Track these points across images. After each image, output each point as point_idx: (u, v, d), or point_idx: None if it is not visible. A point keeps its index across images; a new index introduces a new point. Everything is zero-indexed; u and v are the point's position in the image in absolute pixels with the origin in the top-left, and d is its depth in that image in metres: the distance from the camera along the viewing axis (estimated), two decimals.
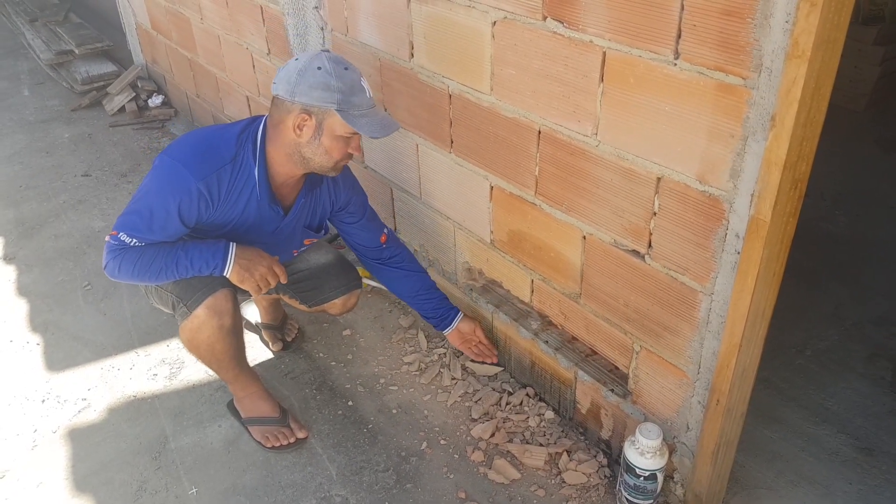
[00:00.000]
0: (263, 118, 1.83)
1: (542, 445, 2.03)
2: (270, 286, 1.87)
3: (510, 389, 2.23)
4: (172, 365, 2.40)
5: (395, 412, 2.18)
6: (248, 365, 2.09)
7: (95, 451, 2.08)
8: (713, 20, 1.27)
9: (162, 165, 1.74)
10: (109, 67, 4.82)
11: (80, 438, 2.13)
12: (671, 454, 1.77)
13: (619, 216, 1.66)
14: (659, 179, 1.52)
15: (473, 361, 2.33)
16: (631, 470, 1.72)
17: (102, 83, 4.67)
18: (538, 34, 1.66)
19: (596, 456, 1.98)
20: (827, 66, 1.19)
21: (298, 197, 1.94)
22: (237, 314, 1.93)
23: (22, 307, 2.72)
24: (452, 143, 2.12)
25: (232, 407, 2.16)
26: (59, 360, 2.45)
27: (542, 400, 2.18)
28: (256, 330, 2.51)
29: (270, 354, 2.45)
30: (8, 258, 3.04)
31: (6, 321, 2.65)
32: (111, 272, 1.78)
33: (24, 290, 2.83)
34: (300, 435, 2.07)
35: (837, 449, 2.02)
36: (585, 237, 1.79)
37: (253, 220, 1.87)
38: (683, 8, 1.32)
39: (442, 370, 2.32)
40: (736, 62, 1.26)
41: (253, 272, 1.82)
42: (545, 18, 1.62)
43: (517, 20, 1.70)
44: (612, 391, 1.89)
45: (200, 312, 1.84)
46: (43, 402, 2.27)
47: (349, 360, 2.41)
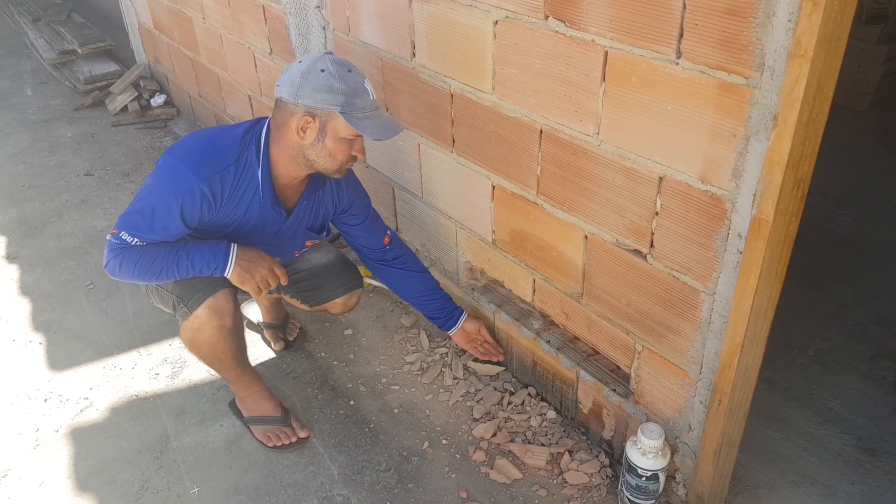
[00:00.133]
0: (267, 120, 1.83)
1: (543, 445, 2.03)
2: (271, 287, 1.87)
3: (512, 389, 2.22)
4: (174, 364, 2.40)
5: (396, 412, 2.18)
6: (249, 364, 2.09)
7: (97, 450, 2.09)
8: (715, 19, 1.27)
9: (165, 166, 1.74)
10: (112, 67, 4.83)
11: (82, 437, 2.13)
12: (673, 454, 1.76)
13: (621, 216, 1.66)
14: (661, 179, 1.51)
15: (476, 361, 2.33)
16: (633, 470, 1.72)
17: (105, 83, 4.68)
18: (540, 33, 1.65)
19: (598, 456, 1.98)
20: (830, 65, 1.19)
21: (301, 199, 1.94)
22: (238, 314, 1.93)
23: (24, 306, 2.73)
24: (454, 142, 2.12)
25: (234, 406, 2.16)
26: (61, 359, 2.45)
27: (543, 400, 2.18)
28: (258, 329, 2.51)
29: (272, 354, 2.45)
30: (11, 257, 3.04)
31: (9, 320, 2.66)
32: (112, 271, 1.78)
33: (26, 289, 2.84)
34: (302, 434, 2.07)
35: (840, 449, 2.01)
36: (587, 237, 1.79)
37: (255, 221, 1.87)
38: (685, 7, 1.31)
39: (444, 370, 2.32)
40: (738, 61, 1.26)
41: (253, 273, 1.82)
42: (547, 18, 1.62)
43: (519, 19, 1.70)
44: (613, 391, 1.88)
45: (201, 312, 1.84)
46: (45, 401, 2.27)
47: (351, 359, 2.41)
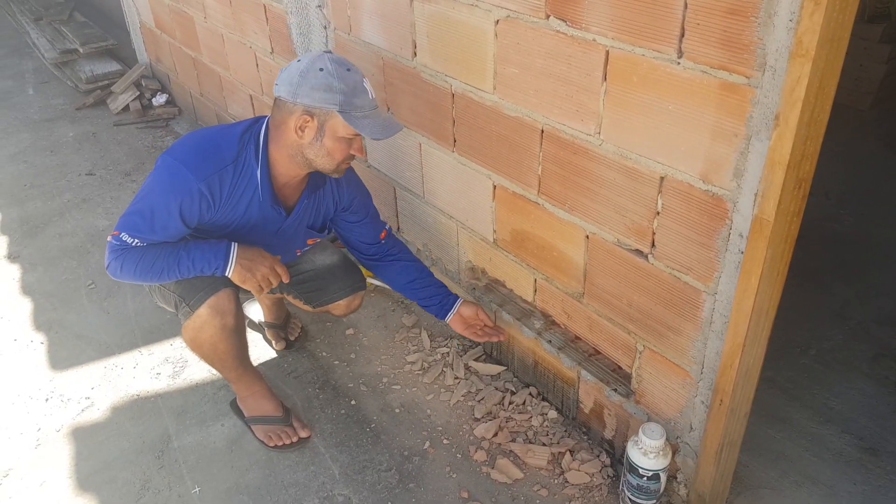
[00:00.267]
0: (266, 119, 1.83)
1: (545, 445, 2.03)
2: (272, 286, 1.87)
3: (513, 389, 2.22)
4: (176, 364, 2.40)
5: (397, 411, 2.18)
6: (251, 364, 2.09)
7: (99, 449, 2.09)
8: (717, 19, 1.27)
9: (164, 166, 1.74)
10: (114, 66, 4.83)
11: (83, 437, 2.13)
12: (674, 454, 1.76)
13: (622, 215, 1.66)
14: (662, 179, 1.51)
15: (478, 360, 2.33)
16: (634, 470, 1.72)
17: (107, 82, 4.69)
18: (541, 33, 1.65)
19: (599, 456, 1.98)
20: (831, 64, 1.19)
21: (301, 198, 1.94)
22: (239, 314, 1.93)
23: (26, 306, 2.73)
24: (455, 142, 2.12)
25: (235, 406, 2.16)
26: (62, 358, 2.45)
27: (545, 399, 2.18)
28: (260, 329, 2.51)
29: (273, 353, 2.45)
30: (12, 257, 3.04)
31: (10, 320, 2.66)
32: (113, 272, 1.78)
33: (28, 288, 2.84)
34: (303, 434, 2.07)
35: (842, 449, 2.01)
36: (588, 237, 1.79)
37: (255, 220, 1.87)
38: (687, 6, 1.31)
39: (445, 369, 2.32)
40: (740, 61, 1.26)
41: (254, 272, 1.82)
42: (548, 17, 1.61)
43: (520, 19, 1.69)
44: (615, 391, 1.88)
45: (203, 312, 1.84)
46: (46, 400, 2.27)
47: (352, 359, 2.41)
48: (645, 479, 1.71)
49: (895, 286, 2.69)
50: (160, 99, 4.52)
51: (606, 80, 1.54)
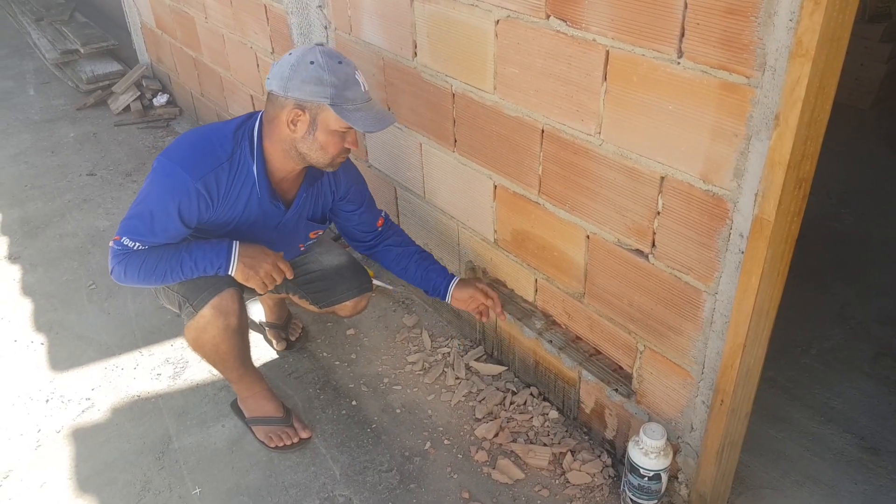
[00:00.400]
0: (260, 114, 1.82)
1: (545, 445, 2.02)
2: (276, 282, 1.86)
3: (514, 389, 2.22)
4: (176, 364, 2.40)
5: (398, 412, 2.18)
6: (252, 365, 2.09)
7: (99, 451, 2.09)
8: (717, 19, 1.27)
9: (160, 167, 1.74)
10: (114, 66, 4.83)
11: (83, 438, 2.13)
12: (675, 454, 1.76)
13: (622, 215, 1.65)
14: (662, 179, 1.51)
15: (479, 361, 2.33)
16: (635, 470, 1.72)
17: (108, 82, 4.69)
18: (541, 33, 1.65)
19: (600, 456, 1.98)
20: (831, 64, 1.19)
21: (300, 191, 1.93)
22: (243, 314, 1.93)
23: (26, 306, 2.73)
24: (456, 142, 2.12)
25: (236, 407, 2.16)
26: (62, 359, 2.45)
27: (546, 400, 2.18)
28: (260, 329, 2.51)
29: (274, 354, 2.45)
30: (13, 257, 3.05)
31: (11, 321, 2.66)
32: (117, 277, 1.78)
33: (28, 289, 2.84)
34: (304, 435, 2.07)
35: (843, 449, 2.01)
36: (589, 237, 1.78)
37: (255, 217, 1.86)
38: (687, 6, 1.31)
39: (446, 370, 2.32)
40: (739, 61, 1.26)
41: (257, 270, 1.82)
42: (548, 17, 1.61)
43: (520, 19, 1.69)
44: (616, 391, 1.88)
45: (206, 312, 1.84)
46: (47, 401, 2.27)
47: (353, 359, 2.41)
48: (646, 479, 1.71)
49: (895, 285, 2.69)
50: (161, 99, 4.52)
51: (606, 80, 1.53)
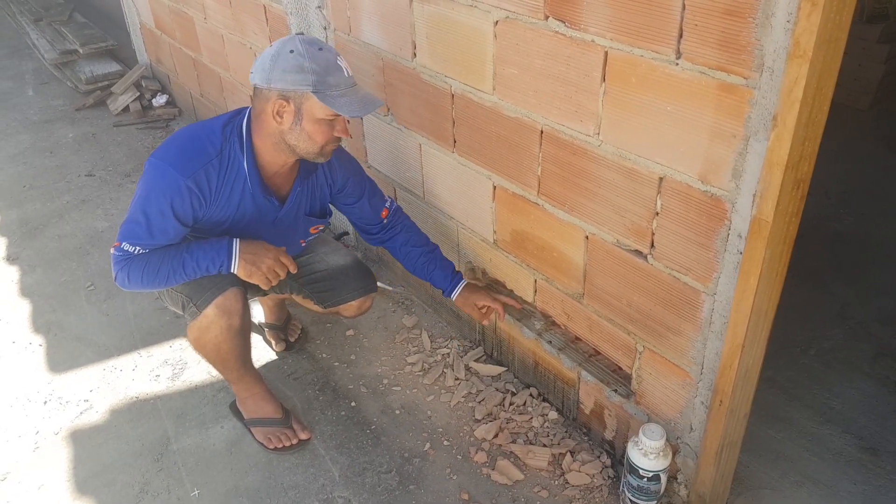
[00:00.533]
0: (248, 110, 1.81)
1: (545, 446, 2.02)
2: (280, 277, 1.85)
3: (513, 390, 2.22)
4: (175, 366, 2.40)
5: (398, 413, 2.18)
6: (252, 366, 2.08)
7: (97, 452, 2.09)
8: (715, 20, 1.27)
9: (150, 168, 1.74)
10: (114, 67, 4.83)
11: (81, 440, 2.13)
12: (674, 455, 1.76)
13: (621, 216, 1.65)
14: (661, 179, 1.51)
15: (478, 361, 2.33)
16: (634, 471, 1.72)
17: (107, 83, 4.69)
18: (540, 34, 1.65)
19: (599, 457, 1.98)
20: (829, 65, 1.19)
21: (294, 185, 1.92)
22: (246, 314, 1.92)
23: (25, 308, 2.73)
24: (455, 142, 2.12)
25: (234, 408, 2.16)
26: (61, 361, 2.45)
27: (545, 400, 2.18)
28: (259, 330, 2.51)
29: (273, 355, 2.45)
30: (11, 258, 3.04)
31: (9, 322, 2.66)
32: (122, 283, 1.78)
33: (27, 290, 2.84)
34: (303, 436, 2.07)
35: (842, 449, 2.01)
36: (588, 237, 1.78)
37: (251, 213, 1.86)
38: (685, 7, 1.31)
39: (445, 371, 2.32)
40: (737, 62, 1.26)
41: (259, 265, 1.81)
42: (547, 18, 1.61)
43: (519, 20, 1.69)
44: (615, 392, 1.88)
45: (210, 312, 1.84)
46: (45, 403, 2.27)
47: (352, 360, 2.41)
48: (645, 479, 1.71)
49: (895, 285, 2.68)
50: (160, 100, 4.52)
51: (605, 80, 1.53)
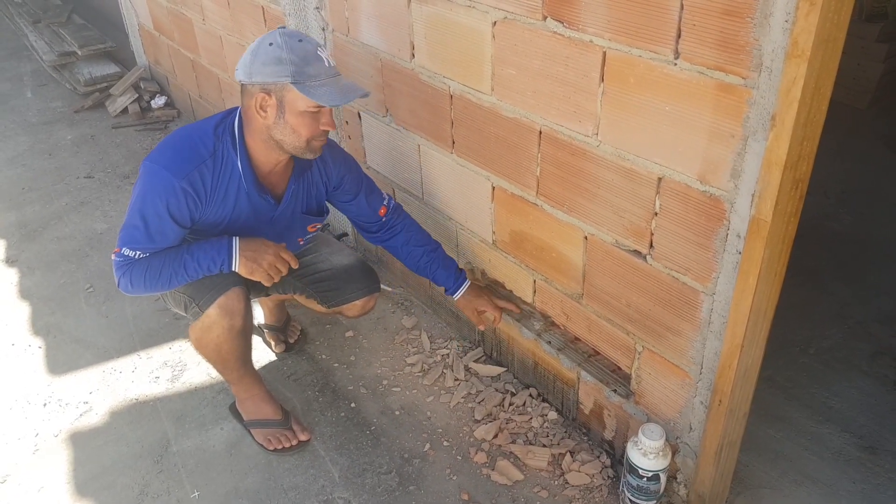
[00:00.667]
0: (238, 109, 1.81)
1: (545, 446, 2.02)
2: (282, 273, 1.85)
3: (513, 390, 2.22)
4: (174, 367, 2.40)
5: (397, 414, 2.18)
6: (252, 367, 2.08)
7: (97, 454, 2.09)
8: (713, 20, 1.27)
9: (145, 172, 1.75)
10: (112, 69, 4.82)
11: (81, 442, 2.13)
12: (674, 455, 1.76)
13: (620, 216, 1.65)
14: (660, 180, 1.51)
15: (477, 362, 2.33)
16: (634, 471, 1.72)
17: (105, 84, 4.68)
18: (538, 34, 1.65)
19: (599, 457, 1.98)
20: (827, 65, 1.19)
21: (289, 184, 1.92)
22: (248, 315, 1.92)
23: (24, 310, 2.73)
24: (454, 143, 2.12)
25: (234, 409, 2.16)
26: (60, 363, 2.45)
27: (545, 401, 2.18)
28: (259, 331, 2.51)
29: (273, 356, 2.45)
30: (10, 261, 3.04)
31: (8, 324, 2.65)
32: (125, 288, 1.78)
33: (26, 292, 2.83)
34: (303, 437, 2.07)
35: (841, 448, 2.01)
36: (587, 238, 1.78)
37: (247, 213, 1.86)
38: (683, 7, 1.31)
39: (445, 371, 2.32)
40: (736, 62, 1.26)
41: (260, 262, 1.81)
42: (545, 18, 1.61)
43: (517, 20, 1.69)
44: (614, 392, 1.88)
45: (212, 312, 1.84)
46: (44, 405, 2.27)
47: (352, 361, 2.41)
48: (645, 479, 1.71)
49: (894, 284, 2.68)
50: (159, 101, 4.52)
51: (603, 81, 1.54)
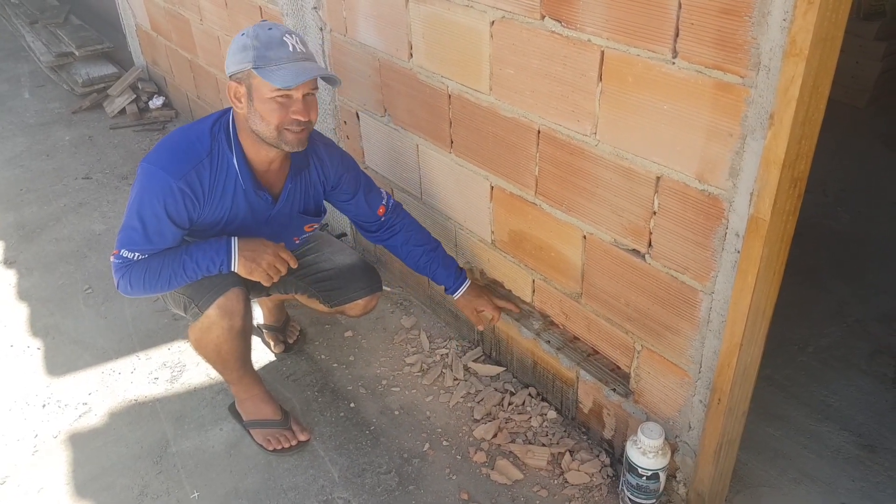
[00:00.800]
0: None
1: (544, 445, 2.02)
2: (281, 273, 1.85)
3: (512, 390, 2.22)
4: (173, 368, 2.39)
5: (397, 413, 2.18)
6: (252, 367, 2.09)
7: (96, 455, 2.08)
8: (711, 18, 1.27)
9: (142, 172, 1.75)
10: (110, 69, 4.81)
11: (80, 443, 2.13)
12: (673, 453, 1.76)
13: (618, 216, 1.66)
14: (658, 179, 1.51)
15: (477, 362, 2.33)
16: (633, 469, 1.72)
17: (103, 85, 4.67)
18: (536, 33, 1.65)
19: (598, 455, 1.98)
20: (825, 63, 1.19)
21: (286, 182, 1.92)
22: (248, 315, 1.92)
23: (22, 311, 2.72)
24: (452, 143, 2.12)
25: (233, 410, 2.16)
26: (59, 364, 2.45)
27: (544, 400, 2.18)
28: (258, 332, 2.51)
29: (272, 356, 2.45)
30: (8, 262, 3.04)
31: (7, 325, 2.65)
32: (124, 290, 1.78)
33: (24, 294, 2.83)
34: (302, 437, 2.07)
35: (840, 446, 2.01)
36: (586, 237, 1.78)
37: (244, 211, 1.86)
38: (681, 6, 1.31)
39: (444, 371, 2.32)
40: (734, 61, 1.26)
41: (259, 262, 1.81)
42: (543, 18, 1.61)
43: (515, 19, 1.69)
44: (613, 391, 1.88)
45: (212, 313, 1.84)
46: (44, 406, 2.27)
47: (351, 361, 2.41)
48: (644, 478, 1.71)
49: (893, 283, 2.69)
50: (157, 102, 4.51)
51: (602, 80, 1.54)
